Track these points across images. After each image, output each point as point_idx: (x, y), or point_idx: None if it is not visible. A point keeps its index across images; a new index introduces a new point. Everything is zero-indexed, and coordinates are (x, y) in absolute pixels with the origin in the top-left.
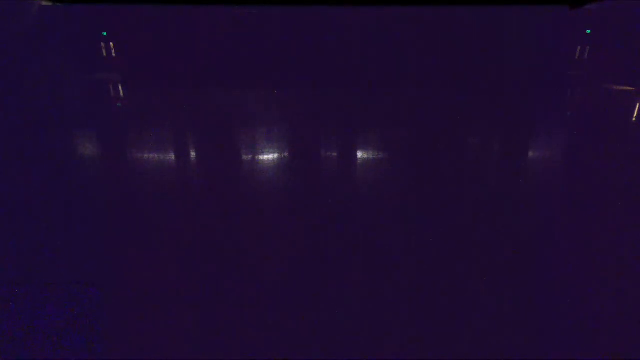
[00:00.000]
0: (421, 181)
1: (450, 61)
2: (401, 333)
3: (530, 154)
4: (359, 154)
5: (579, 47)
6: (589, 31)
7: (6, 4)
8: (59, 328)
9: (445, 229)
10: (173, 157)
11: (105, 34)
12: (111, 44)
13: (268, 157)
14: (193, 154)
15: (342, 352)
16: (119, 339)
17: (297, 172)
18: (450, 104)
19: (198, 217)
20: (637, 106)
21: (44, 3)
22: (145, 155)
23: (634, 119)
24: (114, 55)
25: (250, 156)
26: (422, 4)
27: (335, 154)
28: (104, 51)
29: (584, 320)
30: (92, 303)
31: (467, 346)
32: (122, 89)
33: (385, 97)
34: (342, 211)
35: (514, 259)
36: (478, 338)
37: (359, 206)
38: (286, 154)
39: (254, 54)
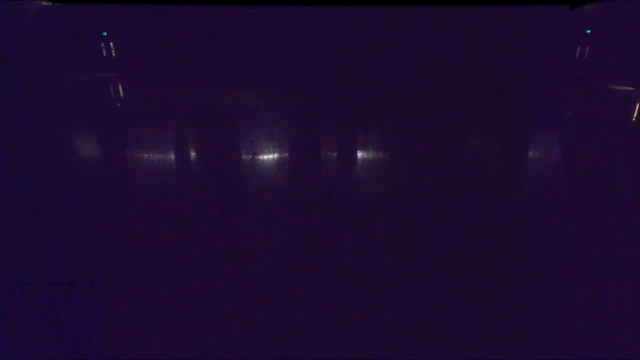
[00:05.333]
0: (421, 181)
1: (450, 61)
2: (400, 333)
3: (530, 153)
4: (360, 154)
5: (579, 47)
6: (589, 31)
7: (6, 4)
8: (58, 328)
9: (445, 228)
10: (173, 156)
11: (105, 34)
12: (111, 44)
13: (268, 156)
14: (193, 153)
15: (342, 352)
16: (119, 338)
17: (299, 172)
18: (449, 104)
19: (198, 217)
20: (637, 106)
21: (44, 3)
22: (145, 155)
23: (634, 119)
24: (114, 55)
25: (250, 156)
26: (422, 4)
27: (336, 154)
28: (104, 51)
29: (584, 320)
30: (93, 303)
31: (467, 346)
32: (122, 89)
33: (385, 97)
34: (342, 211)
35: (514, 259)
36: (477, 338)
37: (359, 206)
38: (287, 154)
39: (254, 53)
